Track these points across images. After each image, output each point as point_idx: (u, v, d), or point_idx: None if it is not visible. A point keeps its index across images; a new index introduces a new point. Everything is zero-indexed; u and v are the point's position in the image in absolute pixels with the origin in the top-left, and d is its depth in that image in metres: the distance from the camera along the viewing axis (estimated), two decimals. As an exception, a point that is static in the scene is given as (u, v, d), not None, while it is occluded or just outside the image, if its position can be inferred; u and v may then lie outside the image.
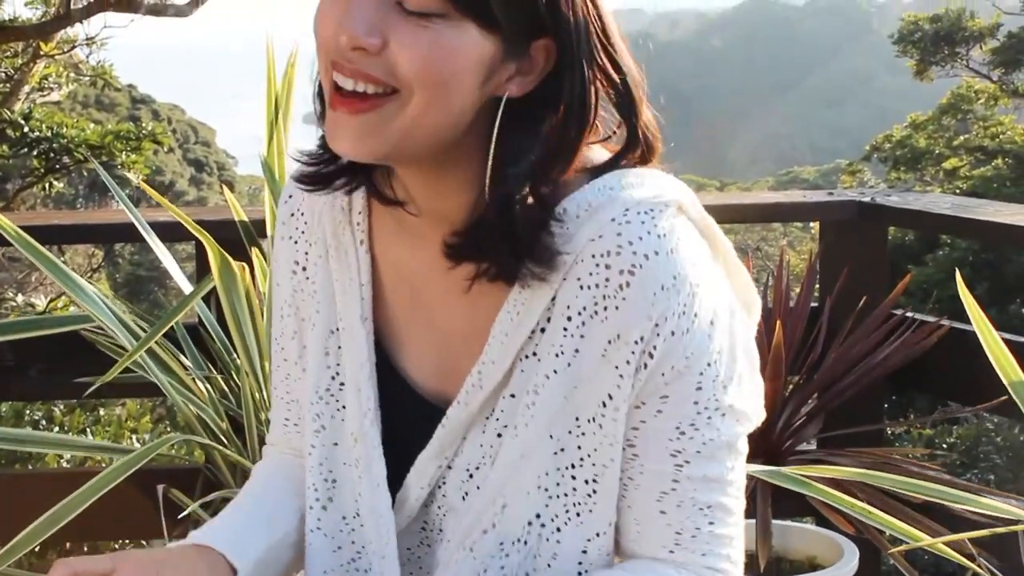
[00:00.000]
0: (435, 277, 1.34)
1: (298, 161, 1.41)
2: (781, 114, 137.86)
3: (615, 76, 1.28)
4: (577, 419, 1.28)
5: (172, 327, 2.73)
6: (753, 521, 3.02)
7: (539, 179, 1.24)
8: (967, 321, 2.27)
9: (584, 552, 1.32)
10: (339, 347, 1.42)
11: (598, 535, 1.32)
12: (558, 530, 1.31)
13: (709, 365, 1.26)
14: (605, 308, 1.24)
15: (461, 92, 1.21)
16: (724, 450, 1.30)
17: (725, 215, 4.14)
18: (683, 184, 1.33)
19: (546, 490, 1.30)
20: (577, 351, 1.26)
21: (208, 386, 2.86)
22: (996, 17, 22.43)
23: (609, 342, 1.24)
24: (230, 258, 2.77)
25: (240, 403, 2.75)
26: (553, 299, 1.26)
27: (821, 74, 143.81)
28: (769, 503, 3.02)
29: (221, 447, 2.71)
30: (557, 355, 1.26)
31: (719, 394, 1.28)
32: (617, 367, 1.25)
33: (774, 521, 3.06)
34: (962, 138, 21.22)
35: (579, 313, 1.25)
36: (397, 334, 1.40)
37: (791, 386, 3.41)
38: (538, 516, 1.31)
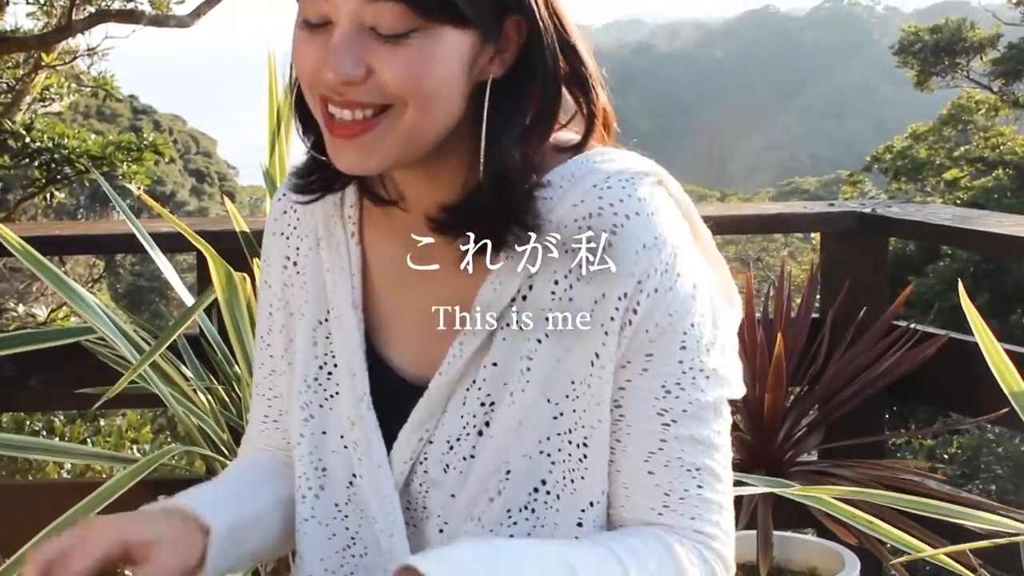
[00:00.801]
0: (421, 262, 1.37)
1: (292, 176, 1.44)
2: (782, 124, 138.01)
3: (572, 47, 1.32)
4: (573, 382, 1.29)
5: (174, 338, 2.73)
6: (754, 532, 3.02)
7: (527, 146, 1.27)
8: (968, 332, 2.27)
9: (579, 525, 1.33)
10: (327, 336, 1.44)
11: (592, 504, 1.32)
12: (558, 498, 1.33)
13: (692, 326, 1.28)
14: (590, 269, 1.26)
15: (451, 90, 1.25)
16: (710, 412, 1.31)
17: (726, 226, 4.15)
18: (662, 168, 1.36)
19: (548, 455, 1.31)
20: (566, 314, 1.28)
21: (209, 397, 2.86)
22: (996, 28, 22.47)
23: (595, 302, 1.27)
24: (231, 269, 2.77)
25: (241, 414, 2.75)
26: (535, 265, 1.29)
27: (822, 85, 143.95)
28: (770, 513, 3.02)
29: (222, 458, 2.71)
30: (546, 319, 1.29)
31: (703, 355, 1.29)
32: (603, 325, 1.27)
33: (775, 532, 3.06)
34: (963, 149, 21.23)
35: (565, 277, 1.28)
36: (384, 323, 1.43)
37: (792, 397, 3.41)
38: (543, 482, 1.32)
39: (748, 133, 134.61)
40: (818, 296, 3.67)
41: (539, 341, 1.29)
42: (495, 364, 1.31)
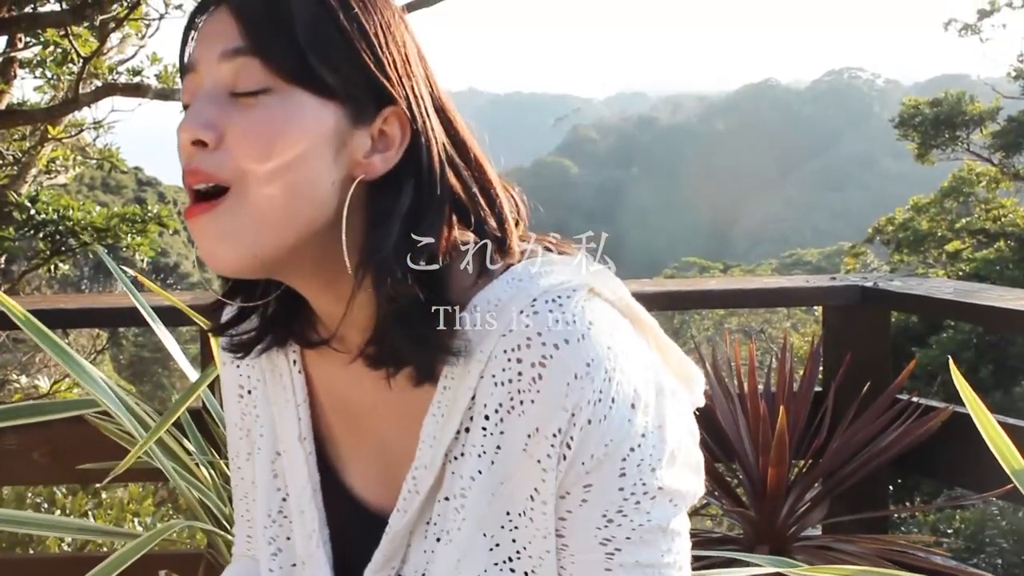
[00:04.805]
0: (364, 392, 1.32)
1: (217, 334, 1.40)
2: (783, 197, 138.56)
3: (466, 151, 1.27)
4: (508, 513, 1.24)
5: (176, 411, 2.73)
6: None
7: (414, 250, 1.19)
8: (972, 406, 2.26)
9: None
10: (285, 469, 1.41)
11: None
12: None
13: (632, 450, 1.20)
14: (521, 403, 1.19)
15: (308, 169, 1.17)
16: (657, 534, 1.24)
17: (729, 300, 4.17)
18: (598, 267, 1.29)
19: None
20: (499, 448, 1.22)
21: (211, 471, 2.86)
22: (996, 101, 22.66)
23: (529, 436, 1.20)
24: (234, 343, 2.77)
25: (243, 488, 2.74)
26: (473, 398, 1.22)
27: (823, 157, 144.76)
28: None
29: (224, 532, 2.70)
30: (479, 455, 1.23)
31: (646, 477, 1.21)
32: (539, 461, 1.20)
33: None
34: (964, 221, 21.31)
35: (495, 411, 1.21)
36: (340, 450, 1.38)
37: (796, 471, 3.40)
38: None
39: (750, 205, 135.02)
40: (821, 369, 3.68)
41: (472, 478, 1.23)
42: (447, 499, 1.26)
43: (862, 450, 3.33)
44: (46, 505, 6.15)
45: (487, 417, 1.21)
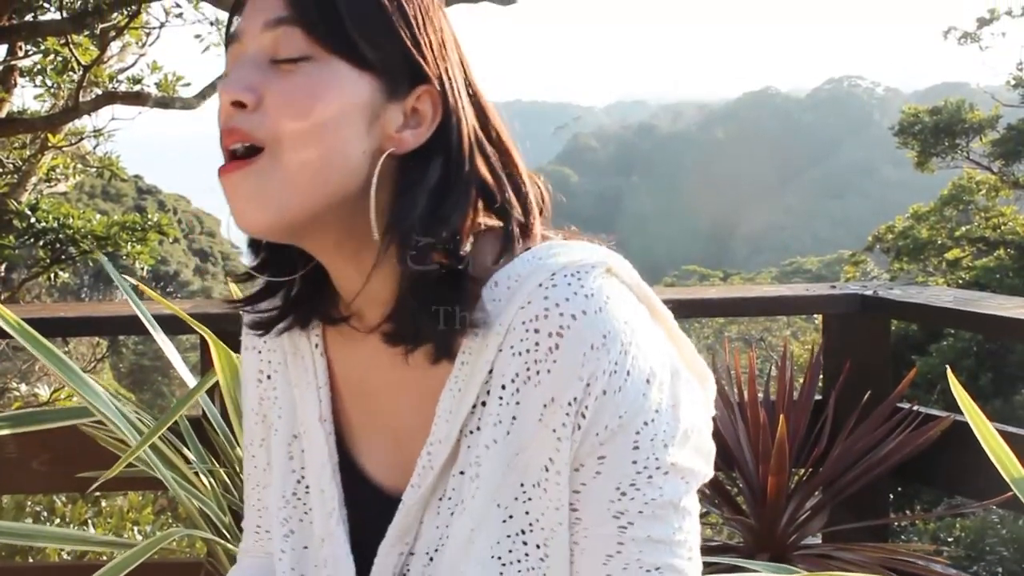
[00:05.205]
0: (382, 375, 1.35)
1: (243, 310, 1.44)
2: (783, 205, 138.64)
3: (495, 134, 1.32)
4: (522, 485, 1.25)
5: (176, 420, 2.73)
6: (759, 617, 2.99)
7: (433, 228, 1.23)
8: (972, 414, 2.26)
9: None
10: (302, 451, 1.43)
11: None
12: None
13: (646, 424, 1.23)
14: (537, 373, 1.21)
15: (341, 137, 1.21)
16: (668, 509, 1.26)
17: (729, 308, 4.16)
18: (615, 253, 1.31)
19: (499, 558, 1.27)
20: (514, 418, 1.24)
21: (211, 479, 2.85)
22: (995, 109, 22.68)
23: (544, 406, 1.22)
24: (232, 353, 2.77)
25: (243, 497, 2.74)
26: (490, 372, 1.25)
27: (823, 165, 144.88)
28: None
29: (223, 541, 2.69)
30: (495, 424, 1.25)
31: (659, 452, 1.24)
32: (555, 431, 1.22)
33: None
34: (964, 229, 21.33)
35: (512, 380, 1.23)
36: (355, 433, 1.41)
37: (796, 479, 3.39)
38: None
39: (750, 213, 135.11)
40: (821, 377, 3.67)
41: (487, 447, 1.25)
42: (462, 473, 1.28)
43: (862, 458, 3.33)
44: (46, 513, 6.15)
45: (503, 387, 1.23)
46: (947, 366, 2.57)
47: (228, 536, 2.72)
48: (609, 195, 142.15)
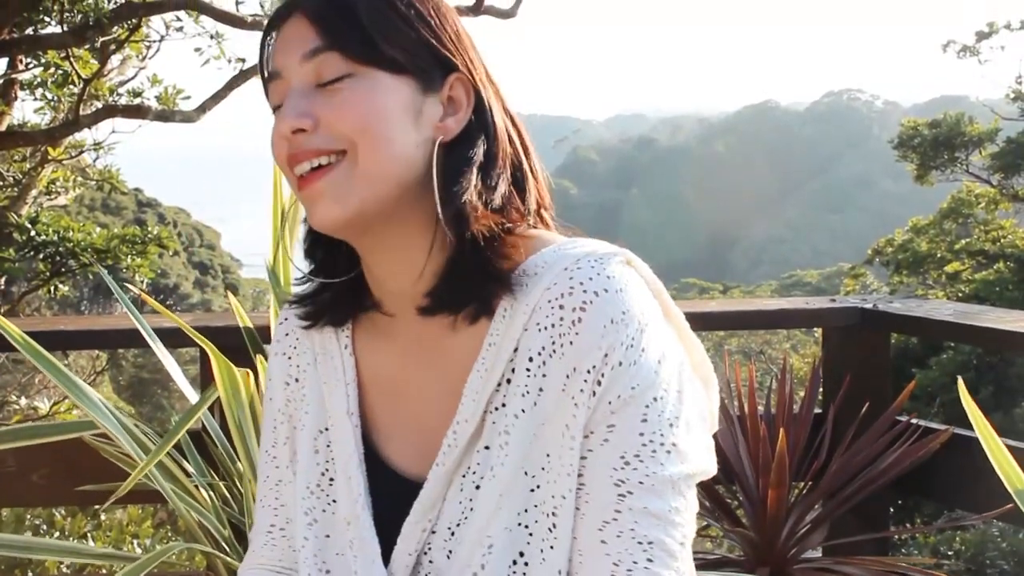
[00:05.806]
0: (410, 368, 1.46)
1: (290, 302, 1.57)
2: (783, 218, 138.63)
3: (509, 112, 1.46)
4: (548, 455, 1.33)
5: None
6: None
7: (486, 197, 1.37)
8: (971, 426, 2.26)
9: None
10: (328, 444, 1.52)
11: (559, 574, 1.32)
12: (533, 570, 1.34)
13: (655, 400, 1.31)
14: (562, 345, 1.31)
15: (396, 133, 1.34)
16: (667, 486, 1.31)
17: (729, 321, 4.16)
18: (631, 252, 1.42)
19: (526, 527, 1.34)
20: (541, 390, 1.32)
21: (211, 493, 2.85)
22: (995, 123, 22.69)
23: (567, 376, 1.31)
24: (233, 366, 2.77)
25: (242, 510, 2.74)
26: (515, 350, 1.34)
27: (822, 178, 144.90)
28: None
29: (223, 555, 2.69)
30: (523, 395, 1.33)
31: (664, 429, 1.31)
32: (573, 398, 1.30)
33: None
34: (963, 242, 21.32)
35: (539, 353, 1.32)
36: (380, 427, 1.50)
37: (796, 493, 3.39)
38: (521, 554, 1.34)
39: (750, 226, 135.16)
40: (821, 390, 3.67)
41: (516, 417, 1.33)
42: (487, 448, 1.36)
43: (862, 471, 3.33)
44: (45, 526, 6.14)
45: (531, 359, 1.33)
46: (954, 377, 2.57)
47: (228, 550, 2.72)
48: (609, 208, 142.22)
